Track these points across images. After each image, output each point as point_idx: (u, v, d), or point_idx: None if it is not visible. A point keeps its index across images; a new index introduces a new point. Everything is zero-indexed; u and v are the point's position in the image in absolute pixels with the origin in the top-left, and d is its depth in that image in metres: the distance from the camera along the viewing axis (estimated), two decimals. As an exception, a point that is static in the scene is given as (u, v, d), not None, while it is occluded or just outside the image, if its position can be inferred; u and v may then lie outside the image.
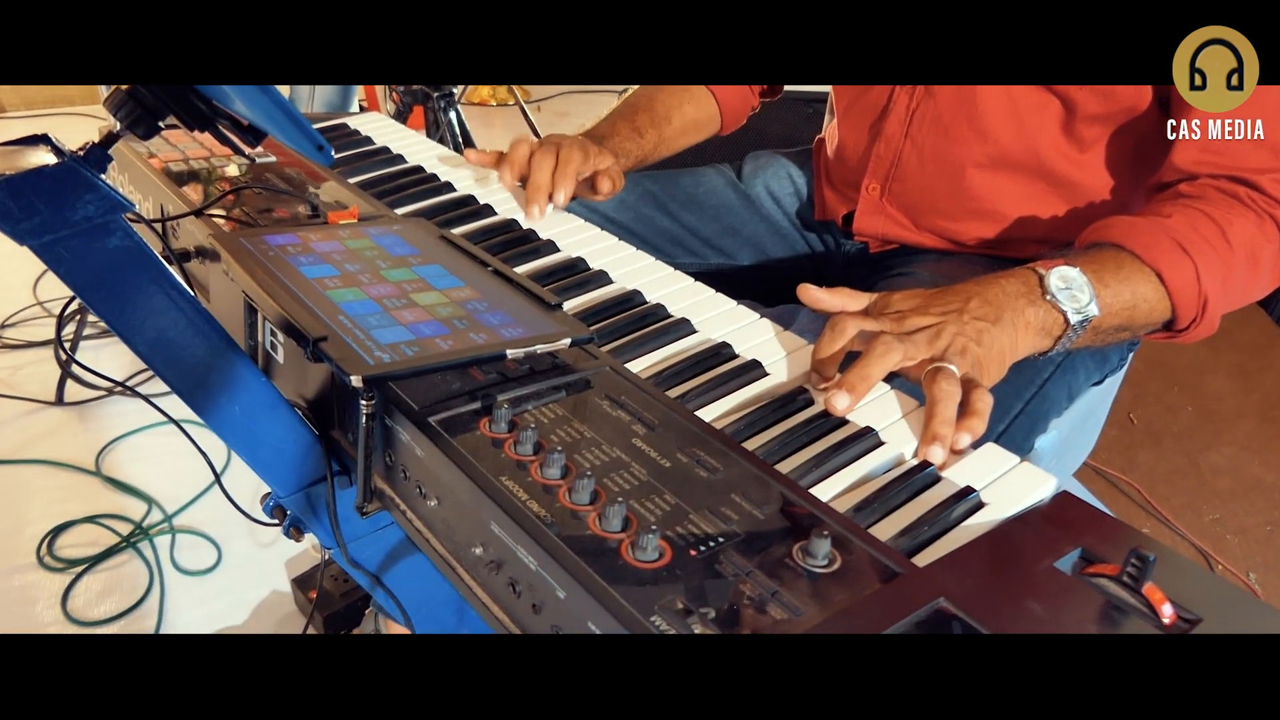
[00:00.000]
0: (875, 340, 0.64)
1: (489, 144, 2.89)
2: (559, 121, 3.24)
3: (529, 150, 0.93)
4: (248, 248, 0.70)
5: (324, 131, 1.10)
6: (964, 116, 0.90)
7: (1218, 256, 0.75)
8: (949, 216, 0.96)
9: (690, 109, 1.10)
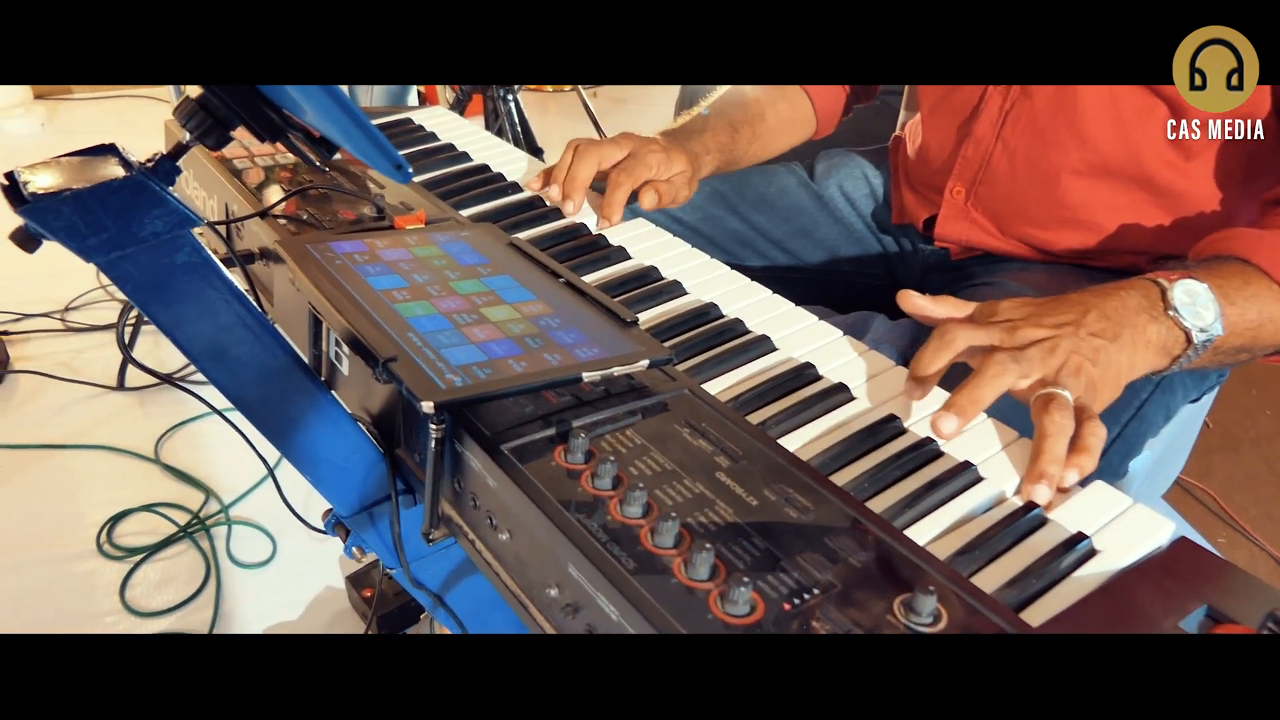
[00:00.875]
0: (988, 359, 0.60)
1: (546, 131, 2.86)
2: (616, 108, 3.20)
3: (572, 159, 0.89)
4: (314, 256, 0.68)
5: (386, 128, 1.08)
6: (1063, 119, 0.85)
7: None
8: (1039, 224, 0.91)
9: (784, 106, 1.05)
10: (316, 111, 0.45)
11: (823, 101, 1.07)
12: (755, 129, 1.02)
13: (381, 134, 0.44)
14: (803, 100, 1.06)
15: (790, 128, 1.07)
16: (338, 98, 0.42)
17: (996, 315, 0.65)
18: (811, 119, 1.08)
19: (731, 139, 1.00)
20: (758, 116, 1.02)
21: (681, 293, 0.77)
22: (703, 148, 0.97)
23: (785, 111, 1.05)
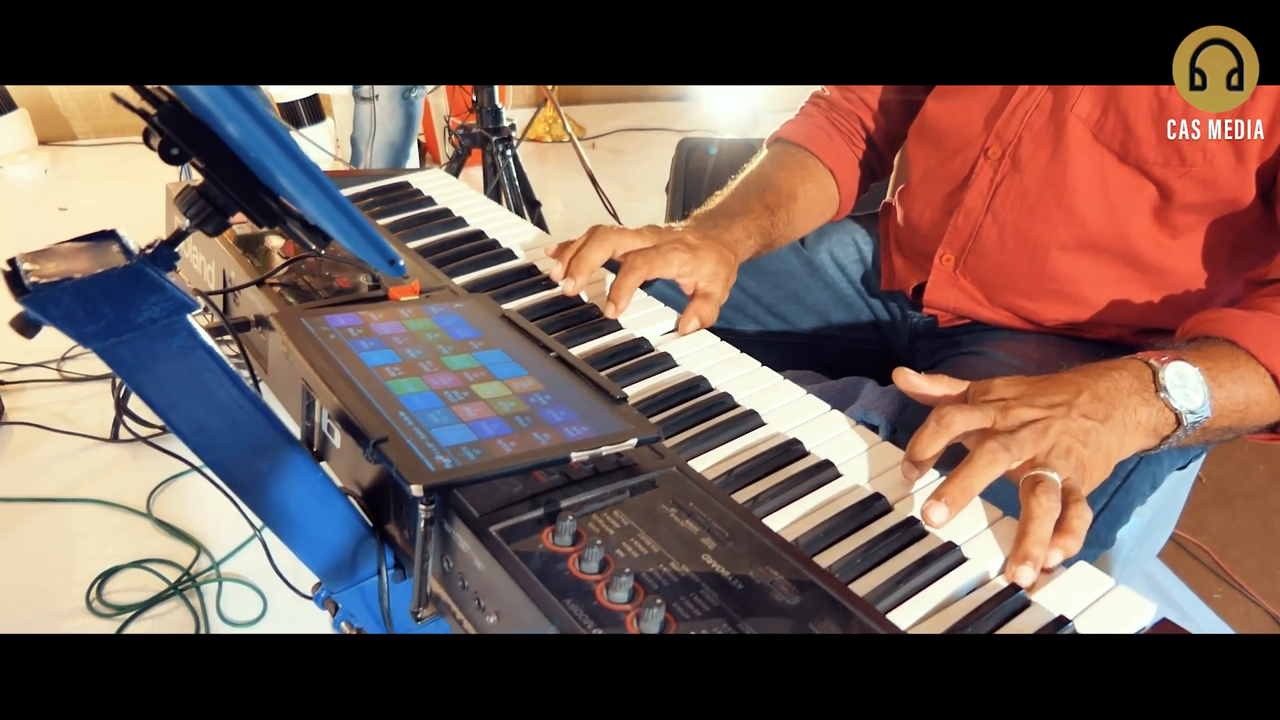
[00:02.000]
0: (980, 447, 0.61)
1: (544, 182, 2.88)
2: (614, 159, 3.24)
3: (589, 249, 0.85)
4: (308, 329, 0.69)
5: (385, 191, 1.09)
6: (1052, 195, 0.86)
7: None
8: (1027, 295, 0.92)
9: (812, 187, 1.03)
10: (310, 204, 0.46)
11: (845, 179, 1.06)
12: (790, 211, 1.00)
13: (373, 228, 0.45)
14: (828, 180, 1.06)
15: (818, 207, 1.06)
16: (330, 192, 0.43)
17: (990, 394, 0.66)
18: (836, 198, 1.07)
19: (771, 222, 0.98)
20: (790, 198, 1.01)
21: (671, 364, 0.78)
22: (744, 232, 0.94)
23: (813, 192, 1.04)
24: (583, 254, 0.84)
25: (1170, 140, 0.80)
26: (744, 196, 0.99)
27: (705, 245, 0.88)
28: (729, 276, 0.90)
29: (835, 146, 1.06)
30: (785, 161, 1.05)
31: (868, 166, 1.08)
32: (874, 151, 1.08)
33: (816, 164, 1.05)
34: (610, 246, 0.84)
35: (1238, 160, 0.79)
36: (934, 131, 0.97)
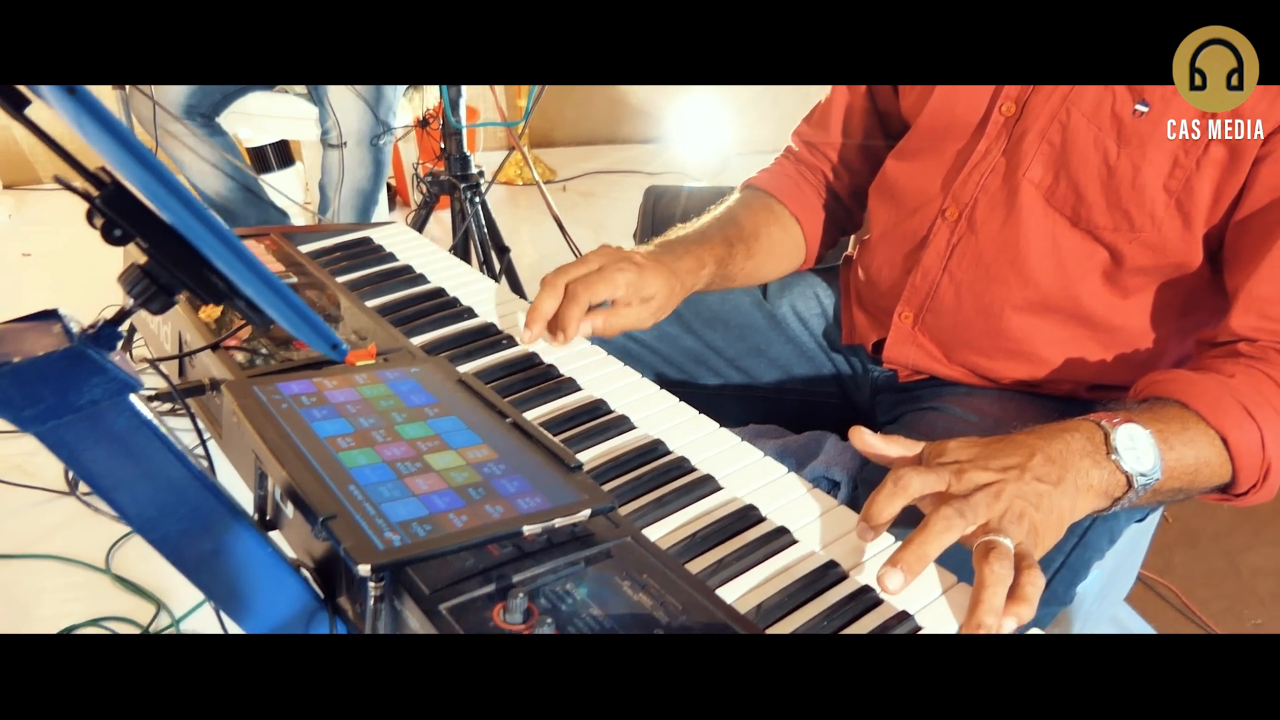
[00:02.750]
0: (934, 513, 0.61)
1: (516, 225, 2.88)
2: (584, 203, 3.26)
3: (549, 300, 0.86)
4: (260, 399, 0.68)
5: (347, 246, 1.09)
6: (1006, 257, 0.88)
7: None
8: (983, 354, 0.93)
9: (776, 230, 1.05)
10: (250, 291, 0.46)
11: (811, 229, 1.07)
12: (750, 247, 1.01)
13: (315, 314, 0.45)
14: (793, 226, 1.07)
15: (781, 249, 1.07)
16: (268, 280, 0.43)
17: (945, 456, 0.67)
18: (801, 244, 1.08)
19: (728, 253, 0.98)
20: (751, 235, 1.02)
21: (629, 427, 0.78)
22: (697, 262, 0.95)
23: (777, 234, 1.05)
24: (535, 304, 0.85)
25: (1119, 206, 0.81)
26: (703, 231, 1.01)
27: (654, 267, 0.90)
28: (667, 303, 0.91)
29: (803, 196, 1.07)
30: (752, 204, 1.07)
31: (836, 219, 1.10)
32: (842, 206, 1.09)
33: (783, 210, 1.07)
34: (559, 287, 0.86)
35: (1185, 226, 0.80)
36: (893, 190, 0.98)
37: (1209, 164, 0.77)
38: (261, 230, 1.10)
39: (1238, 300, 0.77)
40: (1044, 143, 0.83)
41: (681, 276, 0.92)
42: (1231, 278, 0.79)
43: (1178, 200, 0.79)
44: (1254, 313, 0.76)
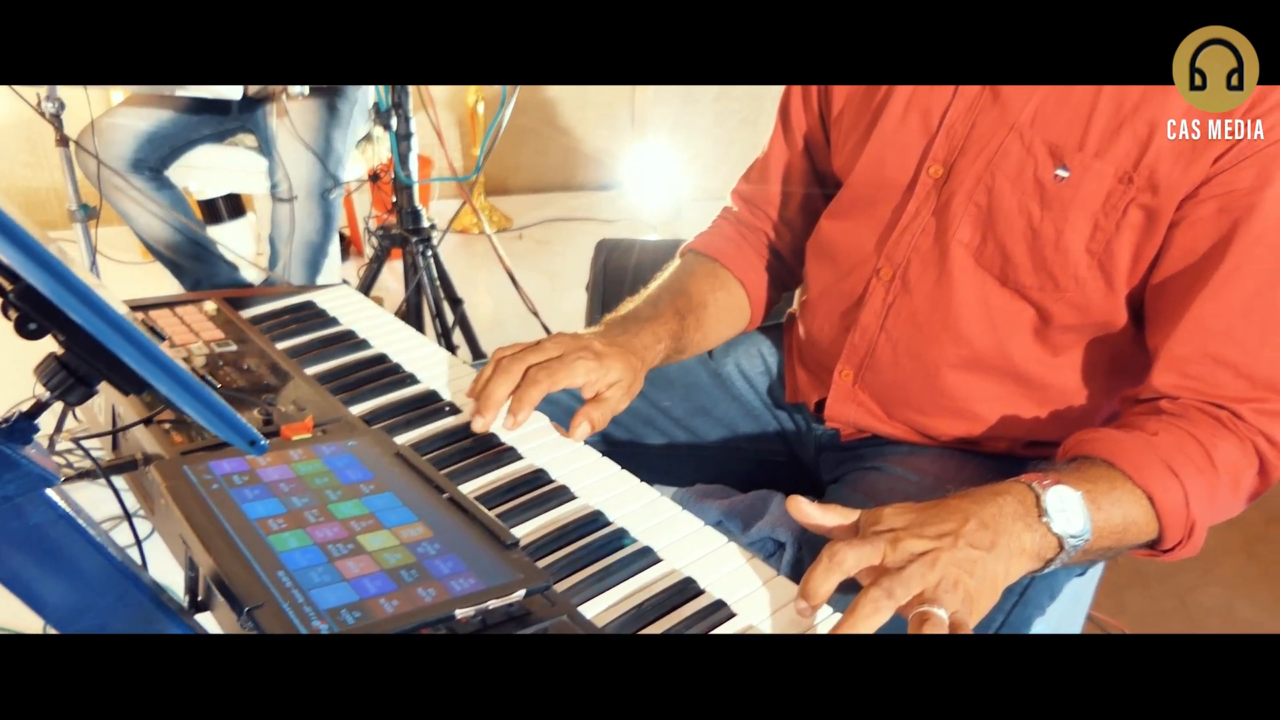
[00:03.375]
0: (865, 596, 0.61)
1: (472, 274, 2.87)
2: (539, 250, 3.27)
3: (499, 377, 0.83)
4: (190, 480, 0.67)
5: (289, 310, 1.08)
6: (940, 316, 0.89)
7: (1205, 481, 0.73)
8: (922, 411, 0.94)
9: (723, 295, 1.05)
10: (165, 390, 0.45)
11: (755, 290, 1.08)
12: (699, 317, 1.01)
13: (231, 410, 0.45)
14: (738, 289, 1.07)
15: (729, 315, 1.07)
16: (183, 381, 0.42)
17: (880, 525, 0.68)
18: (747, 308, 1.08)
19: (681, 326, 0.98)
20: (700, 305, 1.01)
21: (570, 497, 0.78)
22: (653, 337, 0.94)
23: (724, 300, 1.05)
24: (489, 389, 0.83)
25: (1045, 267, 0.83)
26: (654, 303, 1.00)
27: (612, 352, 0.88)
28: (634, 383, 0.90)
29: (745, 258, 1.08)
30: (696, 271, 1.07)
31: (778, 278, 1.11)
32: (784, 263, 1.10)
33: (727, 275, 1.07)
34: (515, 373, 0.84)
35: (1107, 286, 0.82)
36: (828, 249, 1.00)
37: (1127, 227, 0.80)
38: (203, 296, 1.09)
39: (1159, 359, 0.79)
40: (971, 205, 0.85)
41: (640, 354, 0.91)
42: (1152, 337, 0.81)
43: (1099, 262, 0.82)
44: (1174, 371, 0.78)
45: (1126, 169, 0.78)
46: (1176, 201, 0.78)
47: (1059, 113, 0.81)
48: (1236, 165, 0.74)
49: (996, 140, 0.83)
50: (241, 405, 0.83)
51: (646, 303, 1.00)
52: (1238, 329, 0.76)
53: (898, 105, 0.90)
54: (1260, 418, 0.76)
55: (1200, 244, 0.77)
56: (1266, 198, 0.74)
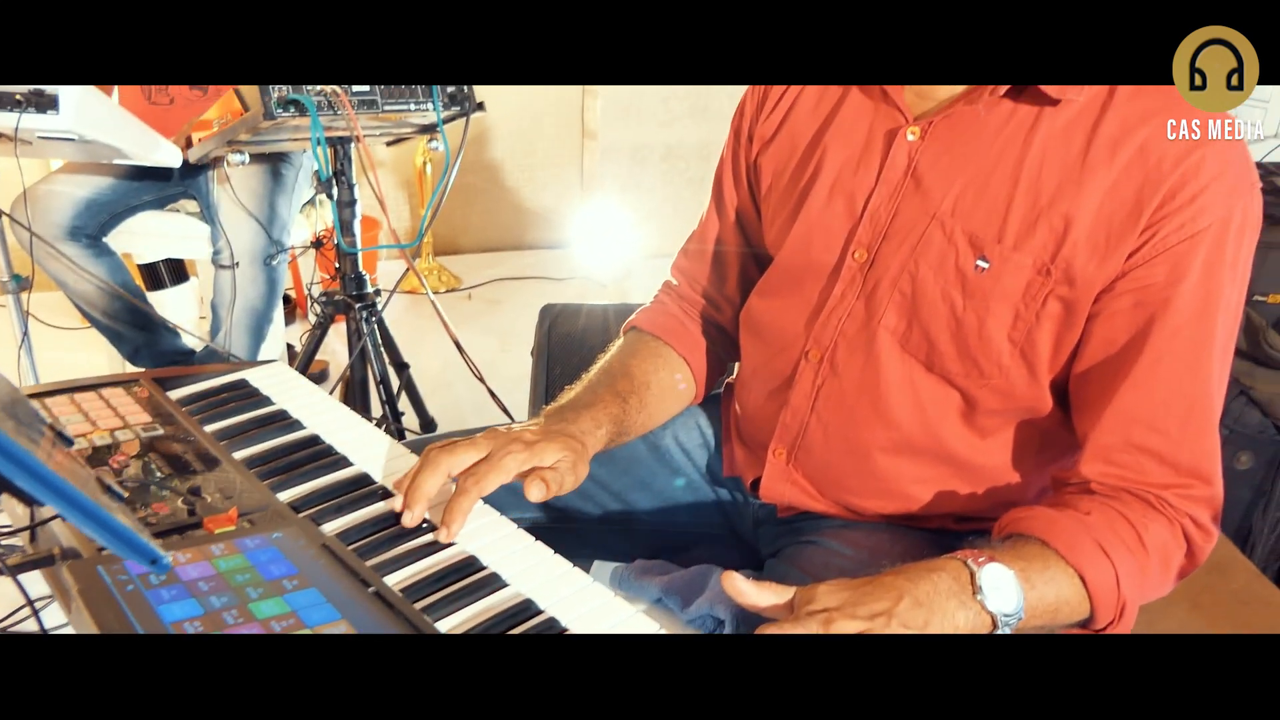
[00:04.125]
0: None
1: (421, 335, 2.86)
2: (489, 310, 3.27)
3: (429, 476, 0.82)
4: (104, 580, 0.65)
5: (221, 390, 1.07)
6: (868, 400, 0.91)
7: (1136, 561, 0.75)
8: (854, 493, 0.95)
9: (665, 375, 1.05)
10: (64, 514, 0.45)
11: (698, 366, 1.08)
12: (642, 398, 1.00)
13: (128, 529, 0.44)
14: (682, 366, 1.07)
15: (672, 394, 1.06)
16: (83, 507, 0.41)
17: (815, 604, 0.68)
18: (691, 384, 1.08)
19: (623, 410, 0.97)
20: (643, 385, 1.01)
21: (501, 585, 0.77)
22: (594, 422, 0.93)
23: (666, 379, 1.05)
24: (417, 483, 0.82)
25: (969, 355, 0.85)
26: (594, 388, 0.99)
27: (545, 439, 0.87)
28: (578, 463, 0.88)
29: (687, 333, 1.08)
30: (639, 350, 1.07)
31: (721, 352, 1.11)
32: (726, 336, 1.11)
33: (670, 351, 1.07)
34: (444, 469, 0.82)
35: (1030, 374, 0.85)
36: (759, 327, 1.01)
37: (1047, 318, 0.82)
38: (131, 376, 1.07)
39: (1085, 448, 0.81)
40: (896, 292, 0.87)
41: (580, 438, 0.90)
42: (1079, 424, 0.84)
43: (1022, 350, 0.84)
44: (1101, 460, 0.80)
45: (1044, 261, 0.80)
46: (1093, 294, 0.80)
47: (978, 204, 0.83)
48: (1150, 261, 0.77)
49: (919, 228, 0.85)
50: (164, 499, 0.81)
51: (586, 389, 0.99)
52: (1160, 419, 0.78)
53: (823, 188, 0.92)
54: (1185, 502, 0.78)
55: (1119, 336, 0.80)
56: (1180, 292, 0.77)
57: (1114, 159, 0.78)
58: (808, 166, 0.94)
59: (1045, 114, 0.81)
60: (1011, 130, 0.82)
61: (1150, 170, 0.77)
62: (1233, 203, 0.76)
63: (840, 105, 0.93)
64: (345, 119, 1.65)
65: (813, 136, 0.95)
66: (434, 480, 0.82)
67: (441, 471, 0.82)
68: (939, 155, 0.85)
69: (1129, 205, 0.77)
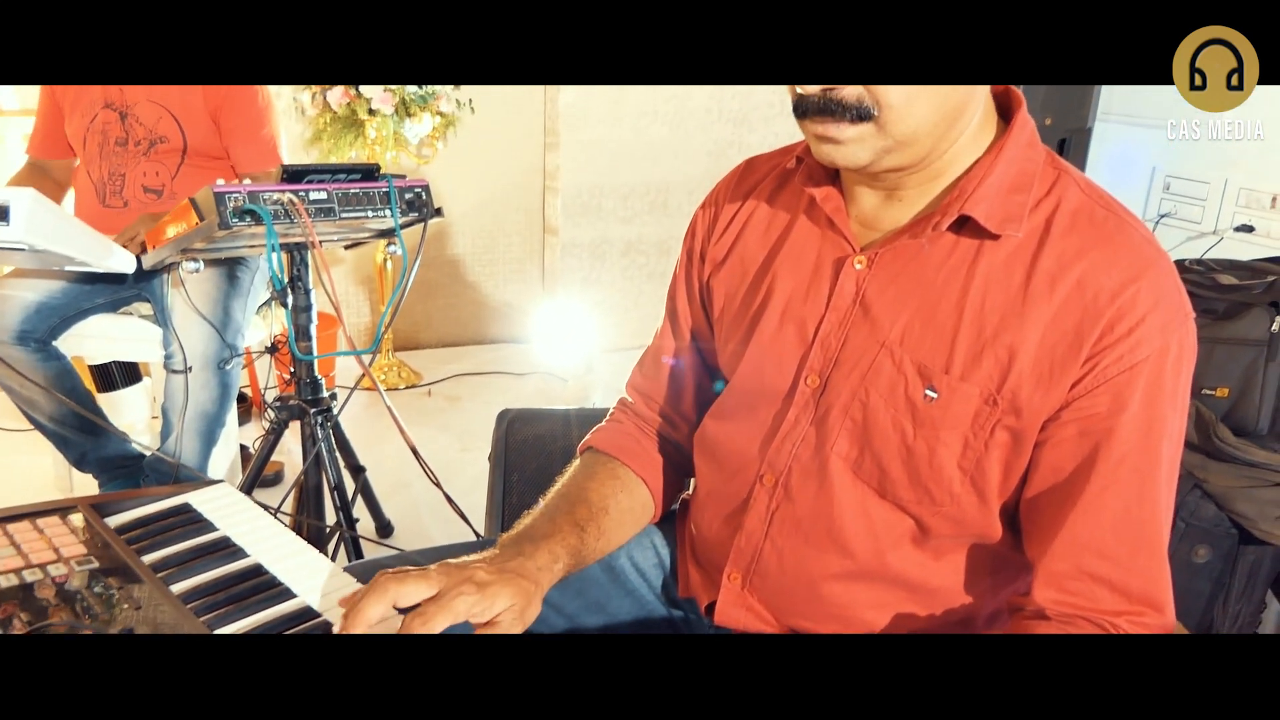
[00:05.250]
0: None
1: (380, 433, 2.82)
2: (449, 408, 3.24)
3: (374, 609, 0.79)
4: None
5: (162, 516, 1.04)
6: (822, 526, 0.90)
7: None
8: (809, 618, 0.94)
9: (624, 498, 1.03)
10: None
11: (656, 486, 1.07)
12: (600, 524, 0.98)
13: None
14: (640, 488, 1.06)
15: (630, 517, 1.05)
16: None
17: None
18: (650, 505, 1.07)
19: (580, 540, 0.95)
20: (601, 511, 0.99)
21: None
22: (551, 556, 0.91)
23: (625, 502, 1.03)
24: (360, 608, 0.78)
25: (920, 483, 0.85)
26: (551, 517, 0.97)
27: (499, 580, 0.83)
28: (528, 607, 0.85)
29: (645, 453, 1.07)
30: (596, 472, 1.05)
31: (679, 471, 1.10)
32: (683, 454, 1.10)
33: (628, 473, 1.06)
34: (390, 599, 0.79)
35: (981, 501, 0.85)
36: (714, 450, 1.00)
37: (996, 446, 0.83)
38: (70, 503, 1.03)
39: (1037, 575, 0.82)
40: (848, 419, 0.87)
41: (535, 576, 0.87)
42: (1030, 550, 0.84)
43: (972, 478, 0.84)
44: (1053, 588, 0.81)
45: (990, 391, 0.81)
46: (1039, 423, 0.81)
47: (925, 335, 0.84)
48: (1092, 391, 0.79)
49: (869, 357, 0.86)
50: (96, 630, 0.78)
51: (543, 517, 0.97)
52: (1109, 547, 0.79)
53: (774, 313, 0.93)
54: (1137, 629, 0.78)
55: (1066, 464, 0.81)
56: (1123, 422, 0.78)
57: (1053, 292, 0.80)
58: (759, 291, 0.95)
59: (986, 247, 0.83)
60: (955, 263, 0.84)
61: (1088, 304, 0.78)
62: (1168, 335, 0.78)
63: (789, 231, 0.95)
64: (302, 226, 1.65)
65: (763, 261, 0.96)
66: (378, 609, 0.79)
67: (388, 599, 0.79)
68: (886, 285, 0.86)
69: (1070, 337, 0.79)
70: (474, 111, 3.31)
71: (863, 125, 0.78)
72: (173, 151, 2.21)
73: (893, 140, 0.79)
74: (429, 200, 1.83)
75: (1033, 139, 0.86)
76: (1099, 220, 0.81)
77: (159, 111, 2.19)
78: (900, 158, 0.81)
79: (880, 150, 0.80)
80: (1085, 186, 0.84)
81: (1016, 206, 0.82)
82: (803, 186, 0.92)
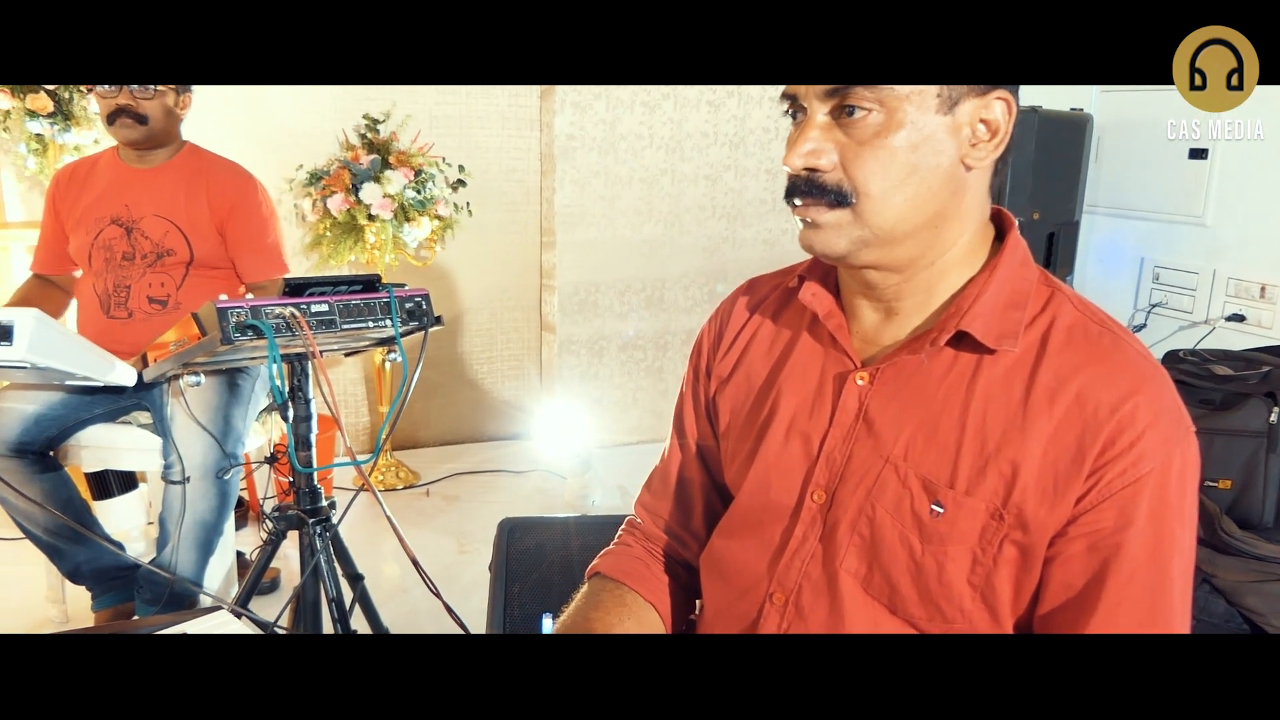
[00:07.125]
0: None
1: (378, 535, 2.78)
2: (447, 507, 3.21)
3: None
4: None
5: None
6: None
7: None
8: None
9: (632, 624, 1.01)
10: None
11: (665, 609, 1.05)
12: None
13: None
14: (649, 613, 1.04)
15: None
16: None
17: None
18: (660, 628, 1.05)
19: None
20: None
21: None
22: None
23: (633, 629, 1.01)
24: None
25: (930, 599, 0.84)
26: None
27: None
28: None
29: (653, 576, 1.06)
30: (602, 600, 1.04)
31: (688, 592, 1.09)
32: (693, 576, 1.08)
33: (635, 598, 1.04)
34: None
35: (992, 618, 0.84)
36: (722, 568, 0.99)
37: (1004, 562, 0.82)
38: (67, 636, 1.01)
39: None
40: (855, 535, 0.87)
41: None
42: None
43: (982, 594, 0.83)
44: None
45: (996, 506, 0.81)
46: (1047, 539, 0.81)
47: (928, 449, 0.84)
48: (1097, 506, 0.79)
49: (874, 471, 0.86)
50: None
51: None
52: None
53: (780, 429, 0.93)
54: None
55: (1076, 580, 0.80)
56: (1130, 537, 0.78)
57: (1053, 407, 0.80)
58: (764, 406, 0.96)
59: (985, 363, 0.84)
60: (954, 378, 0.85)
61: (1088, 417, 0.79)
62: (1170, 450, 0.78)
63: (792, 348, 0.96)
64: (303, 338, 1.66)
65: (767, 376, 0.97)
66: None
67: None
68: (888, 400, 0.87)
69: (1071, 451, 0.79)
70: (471, 214, 3.37)
71: (840, 211, 0.82)
72: (179, 264, 2.23)
73: (869, 232, 0.82)
74: (429, 309, 1.85)
75: (1025, 258, 0.88)
76: (1094, 336, 0.83)
77: (165, 226, 2.22)
78: (879, 254, 0.84)
79: (858, 240, 0.83)
80: (1079, 304, 0.86)
81: (1012, 323, 0.84)
82: (805, 305, 0.94)
